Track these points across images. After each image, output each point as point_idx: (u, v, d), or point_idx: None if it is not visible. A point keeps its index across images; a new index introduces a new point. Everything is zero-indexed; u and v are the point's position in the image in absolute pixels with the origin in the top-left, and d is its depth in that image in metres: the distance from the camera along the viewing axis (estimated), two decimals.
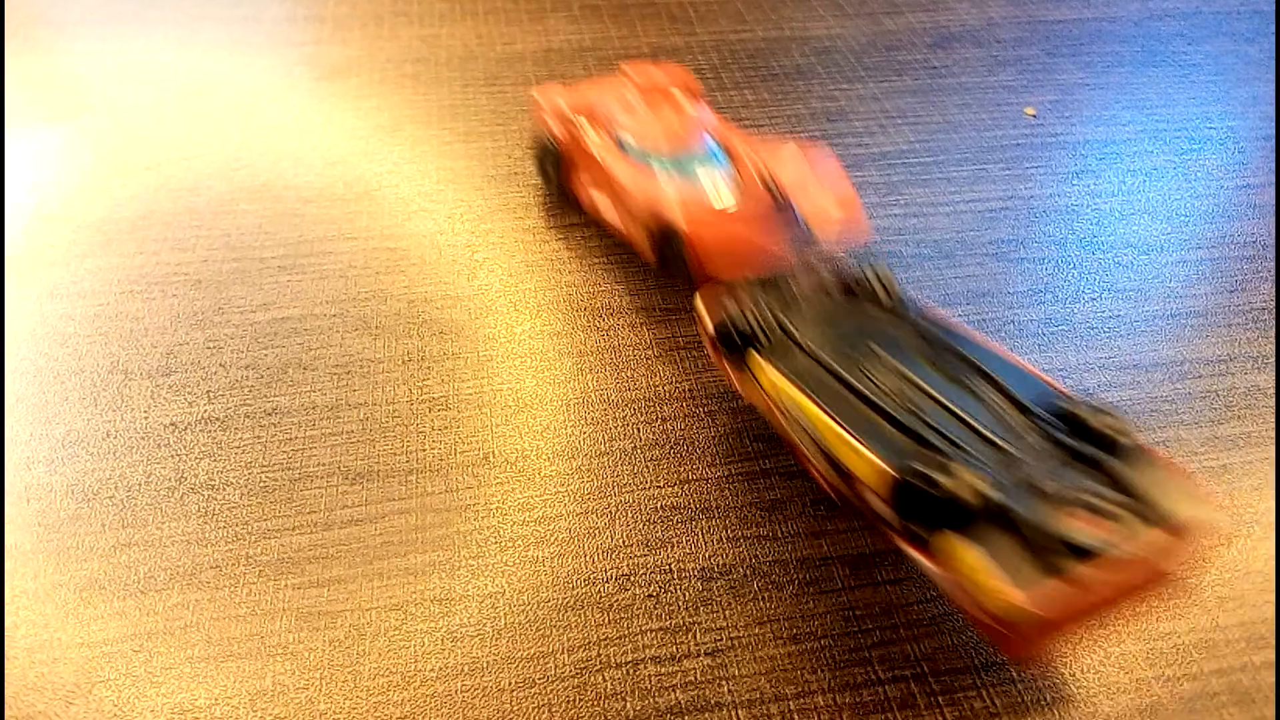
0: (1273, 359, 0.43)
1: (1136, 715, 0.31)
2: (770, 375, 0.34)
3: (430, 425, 0.40)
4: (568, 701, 0.31)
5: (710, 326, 0.37)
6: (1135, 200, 0.53)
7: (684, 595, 0.34)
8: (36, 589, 0.34)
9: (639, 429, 0.40)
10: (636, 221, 0.46)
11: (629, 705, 0.31)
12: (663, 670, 0.32)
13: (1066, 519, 0.27)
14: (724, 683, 0.31)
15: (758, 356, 0.35)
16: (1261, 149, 0.58)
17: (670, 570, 0.35)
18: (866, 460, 0.30)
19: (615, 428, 0.40)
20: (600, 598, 0.34)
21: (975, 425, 0.30)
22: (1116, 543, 0.26)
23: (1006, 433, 0.30)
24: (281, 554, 0.35)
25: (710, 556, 0.35)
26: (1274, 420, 0.40)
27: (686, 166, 0.46)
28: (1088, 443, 0.29)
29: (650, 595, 0.34)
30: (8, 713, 0.30)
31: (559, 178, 0.51)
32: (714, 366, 0.43)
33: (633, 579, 0.34)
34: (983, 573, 0.26)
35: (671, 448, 0.39)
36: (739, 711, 0.31)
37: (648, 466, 0.38)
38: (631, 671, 0.32)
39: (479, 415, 0.40)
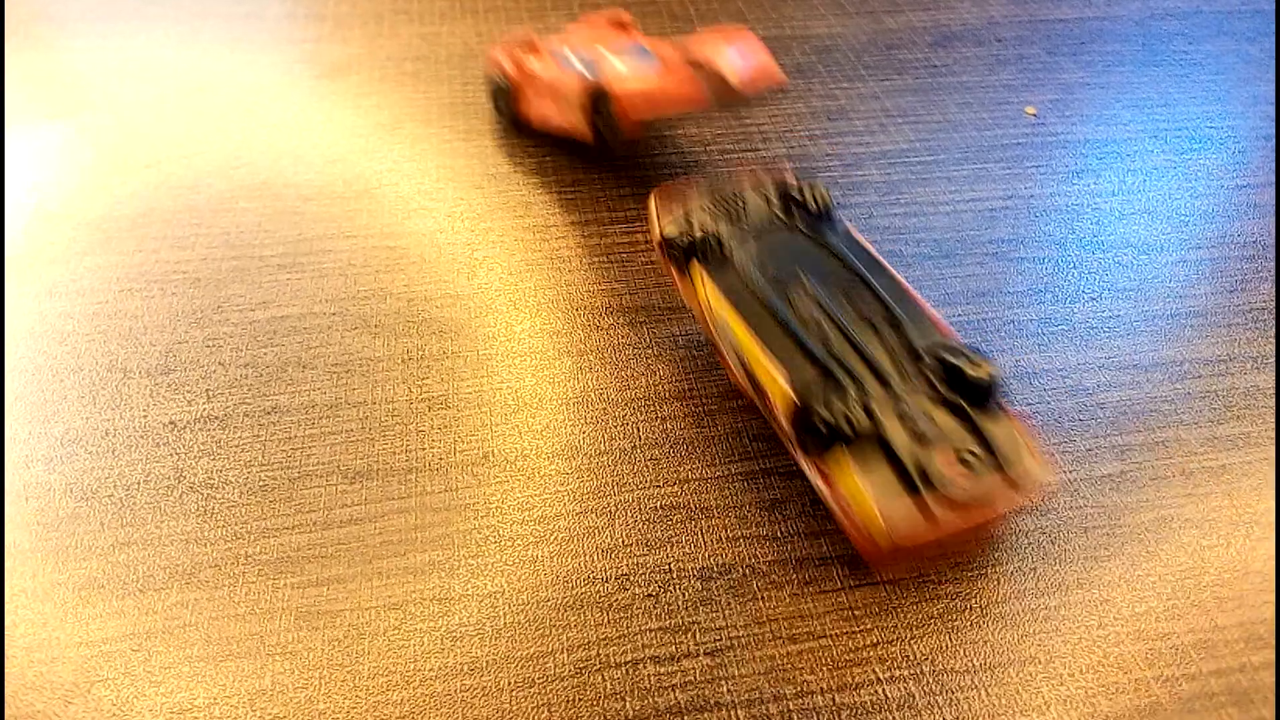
0: (1272, 359, 0.43)
1: (1135, 715, 0.31)
2: (709, 287, 0.38)
3: (429, 424, 0.40)
4: (567, 701, 0.31)
5: (658, 233, 0.40)
6: (1135, 200, 0.53)
7: (683, 595, 0.34)
8: (35, 588, 0.34)
9: (639, 428, 0.40)
10: (574, 106, 0.51)
11: (629, 705, 0.31)
12: (662, 670, 0.32)
13: (930, 455, 0.31)
14: (723, 682, 0.31)
15: (699, 266, 0.39)
16: (1261, 149, 0.58)
17: (670, 570, 0.35)
18: (777, 383, 0.34)
19: (615, 427, 0.40)
20: (600, 597, 0.34)
21: (872, 363, 0.34)
22: (966, 487, 0.31)
23: (897, 374, 0.34)
24: (280, 553, 0.35)
25: (710, 556, 0.35)
26: (1274, 420, 0.40)
27: (616, 58, 0.51)
28: (962, 392, 0.33)
29: (650, 595, 0.34)
30: (7, 711, 0.30)
31: (510, 109, 0.57)
32: (715, 366, 0.43)
33: (632, 579, 0.34)
34: (860, 496, 0.31)
35: (671, 447, 0.39)
36: (738, 711, 0.31)
37: (647, 466, 0.38)
38: (631, 671, 0.32)
39: (478, 414, 0.40)
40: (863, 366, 0.34)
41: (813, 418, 0.32)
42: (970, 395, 0.33)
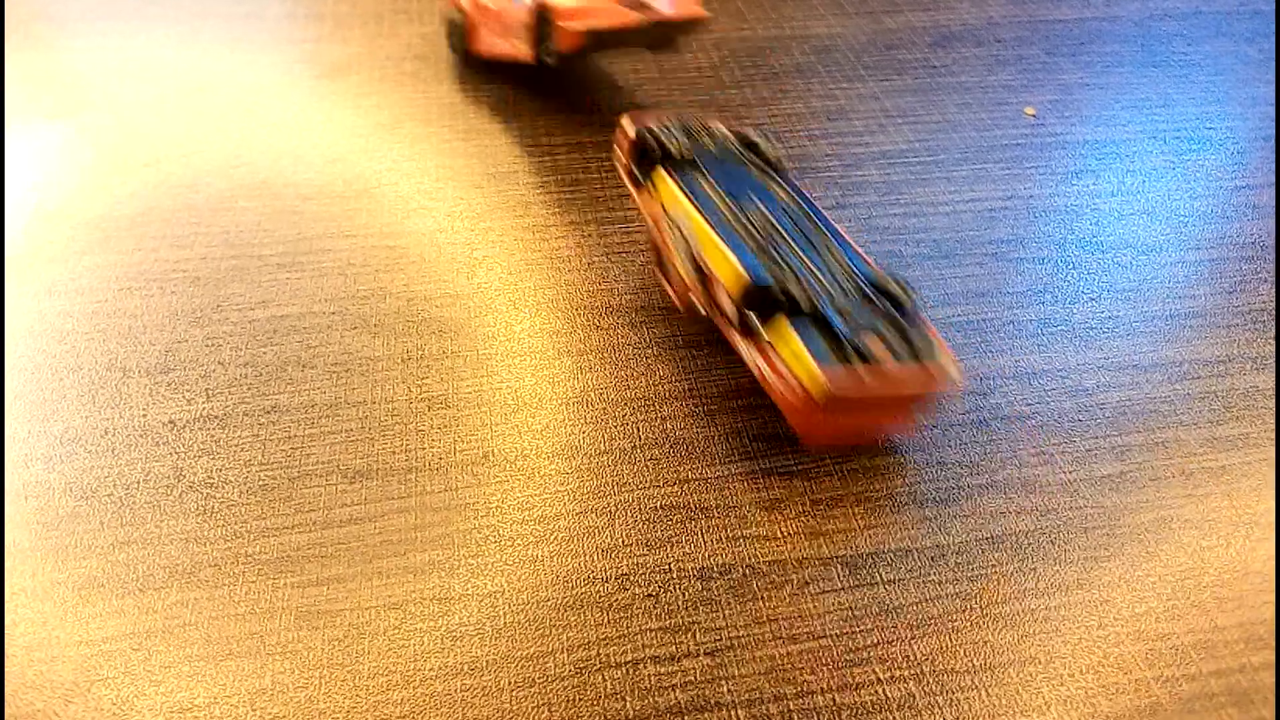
0: (1271, 360, 0.43)
1: (1136, 716, 0.31)
2: (669, 186, 0.43)
3: (429, 424, 0.40)
4: (567, 701, 0.31)
5: (631, 133, 0.45)
6: (1135, 200, 0.53)
7: (683, 595, 0.34)
8: (35, 587, 0.34)
9: (638, 428, 0.40)
10: (521, 29, 0.56)
11: (629, 705, 0.31)
12: (662, 670, 0.32)
13: (863, 338, 0.36)
14: (723, 682, 0.31)
15: (663, 171, 0.43)
16: (1261, 149, 0.58)
17: (669, 570, 0.35)
18: (730, 265, 0.38)
19: (615, 427, 0.40)
20: (600, 597, 0.34)
21: (813, 269, 0.39)
22: (894, 365, 0.35)
23: (835, 277, 0.39)
24: (280, 552, 0.35)
25: (710, 556, 0.35)
26: (1273, 421, 0.40)
27: None
28: (886, 301, 0.38)
29: (650, 595, 0.34)
30: (7, 710, 0.30)
31: (465, 47, 0.64)
32: (715, 366, 0.43)
33: (632, 578, 0.34)
34: (801, 356, 0.35)
35: (671, 447, 0.39)
36: (739, 711, 0.31)
37: (647, 466, 0.38)
38: (631, 671, 0.32)
39: (478, 414, 0.40)
40: (808, 265, 0.39)
41: (763, 286, 0.37)
42: (895, 305, 0.38)
